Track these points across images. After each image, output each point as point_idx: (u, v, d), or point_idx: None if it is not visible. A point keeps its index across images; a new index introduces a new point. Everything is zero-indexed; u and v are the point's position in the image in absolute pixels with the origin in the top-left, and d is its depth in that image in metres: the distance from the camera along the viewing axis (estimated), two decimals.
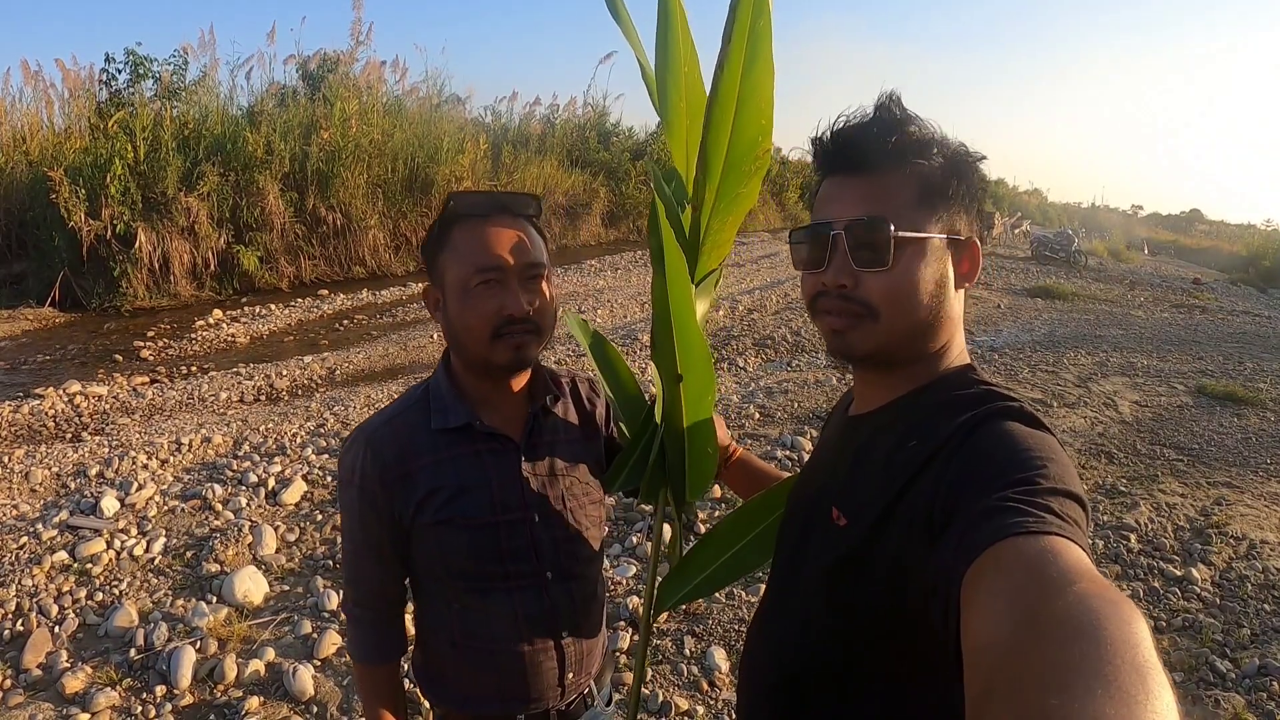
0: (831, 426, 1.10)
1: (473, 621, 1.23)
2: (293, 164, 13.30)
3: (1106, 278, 16.84)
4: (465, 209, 1.15)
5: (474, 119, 19.67)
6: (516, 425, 1.24)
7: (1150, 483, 4.84)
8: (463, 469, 1.19)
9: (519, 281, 1.14)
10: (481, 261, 1.12)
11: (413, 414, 1.22)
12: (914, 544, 0.77)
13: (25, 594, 3.33)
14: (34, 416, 6.06)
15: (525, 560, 1.22)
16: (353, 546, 1.24)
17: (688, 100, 1.11)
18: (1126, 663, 0.49)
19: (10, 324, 9.61)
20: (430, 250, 1.20)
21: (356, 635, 1.28)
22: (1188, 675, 2.98)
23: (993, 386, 0.88)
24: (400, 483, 1.17)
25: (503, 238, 1.13)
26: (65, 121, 12.60)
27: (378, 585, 1.26)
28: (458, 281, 1.13)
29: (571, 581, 1.28)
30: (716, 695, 2.80)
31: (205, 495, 4.34)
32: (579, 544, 1.30)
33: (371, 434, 1.20)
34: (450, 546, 1.19)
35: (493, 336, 1.13)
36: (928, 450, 0.81)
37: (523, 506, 1.22)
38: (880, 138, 0.87)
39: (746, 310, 10.28)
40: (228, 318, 10.22)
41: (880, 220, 0.85)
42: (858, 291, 0.87)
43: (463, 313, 1.14)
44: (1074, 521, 0.67)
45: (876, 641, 0.83)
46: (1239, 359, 8.58)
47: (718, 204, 1.10)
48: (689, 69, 1.10)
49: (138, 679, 2.82)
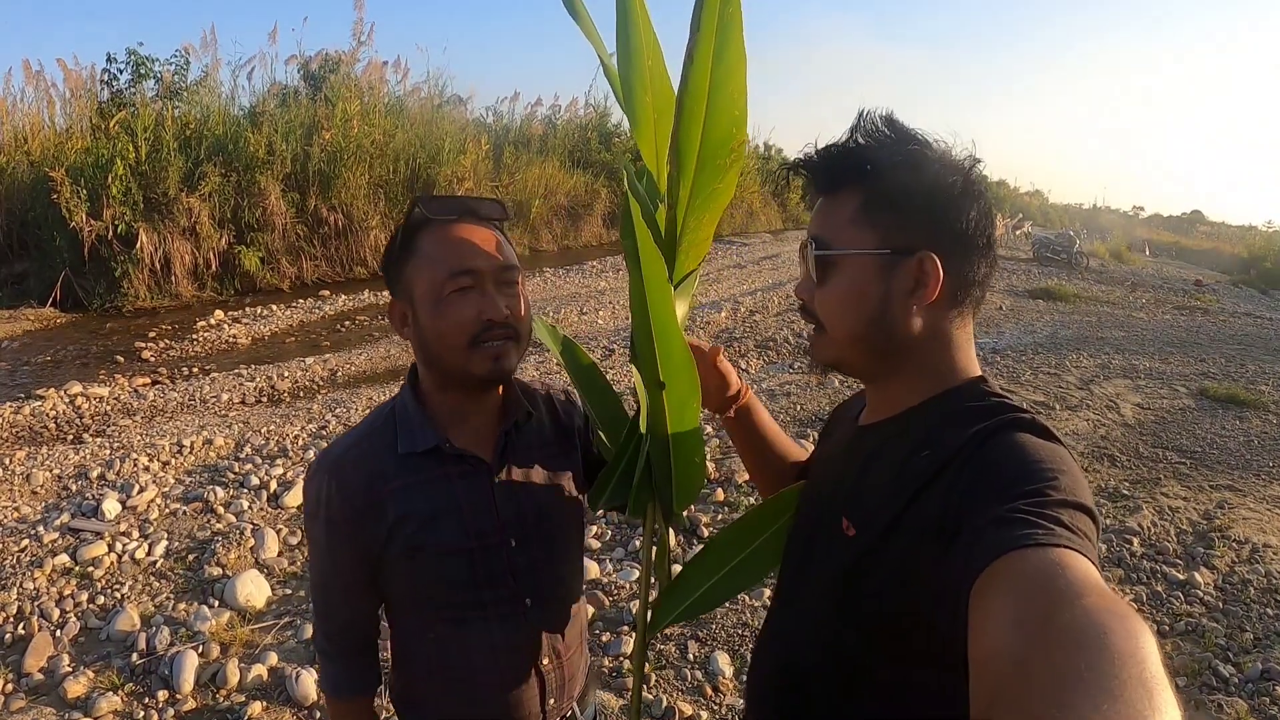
0: (838, 434, 1.09)
1: (449, 651, 1.18)
2: (294, 164, 13.27)
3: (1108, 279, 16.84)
4: (432, 213, 1.09)
5: (476, 119, 19.66)
6: (488, 444, 1.18)
7: (1153, 486, 4.84)
8: (433, 494, 1.13)
9: (494, 285, 1.09)
10: (454, 265, 1.06)
11: (378, 438, 1.16)
12: (924, 554, 0.77)
13: (27, 597, 3.33)
14: (35, 418, 6.05)
15: (501, 587, 1.17)
16: (322, 580, 1.19)
17: (654, 95, 1.07)
18: (1133, 677, 0.49)
19: (11, 324, 9.61)
20: (394, 261, 1.13)
21: (328, 670, 1.23)
22: (1190, 680, 2.97)
23: (1005, 398, 0.87)
24: (368, 512, 1.11)
25: (475, 240, 1.09)
26: (67, 121, 12.57)
27: (349, 619, 1.21)
28: (429, 290, 1.07)
29: (551, 606, 1.23)
30: (720, 700, 2.79)
31: (207, 498, 4.34)
32: (558, 566, 1.25)
33: (335, 462, 1.14)
34: (423, 576, 1.15)
35: (470, 344, 1.07)
36: (939, 461, 0.81)
37: (497, 530, 1.16)
38: (836, 158, 0.91)
39: (748, 312, 10.28)
40: (229, 318, 10.21)
41: (811, 240, 0.92)
42: (811, 305, 0.95)
43: (436, 322, 1.08)
44: (1084, 534, 0.67)
45: (885, 649, 0.83)
46: (1241, 361, 8.58)
47: (693, 201, 1.06)
48: (653, 62, 1.05)
49: (140, 683, 2.82)
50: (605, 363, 7.46)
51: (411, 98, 17.28)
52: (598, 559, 3.71)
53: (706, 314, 9.96)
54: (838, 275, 0.90)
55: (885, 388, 0.94)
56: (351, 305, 11.35)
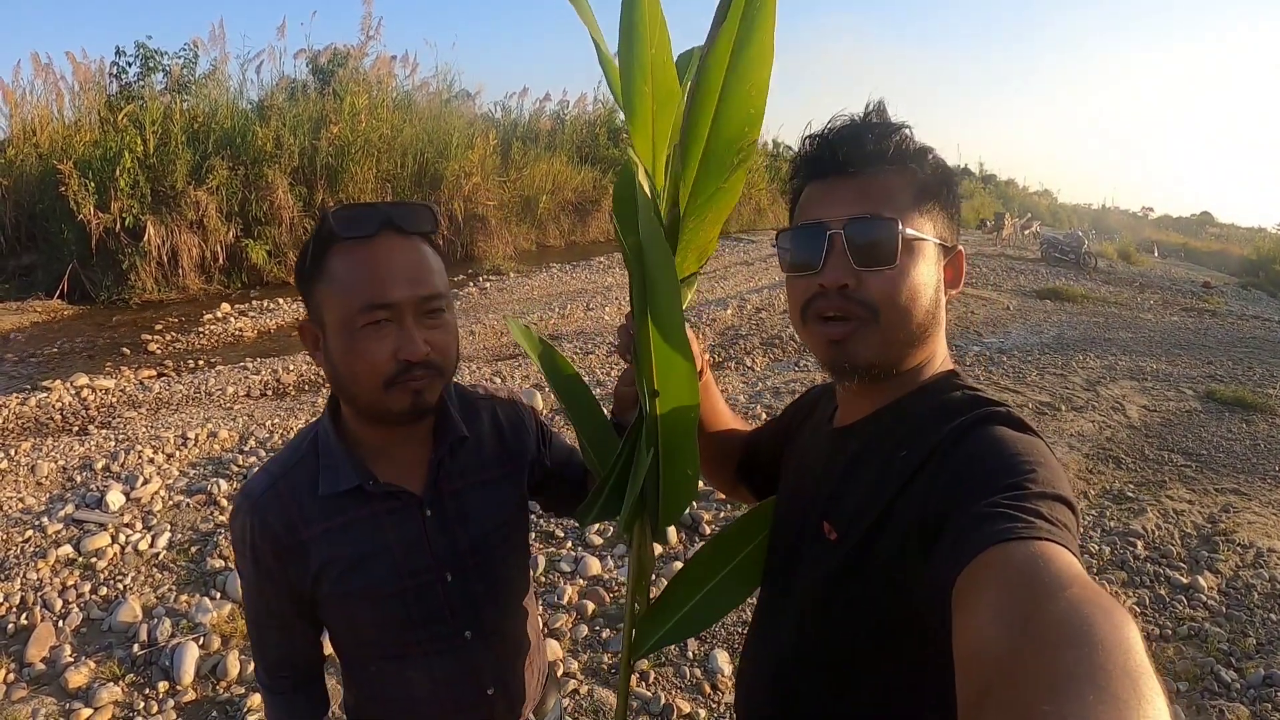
0: (809, 439, 1.07)
1: (391, 685, 1.14)
2: (302, 158, 13.32)
3: (1116, 280, 16.76)
4: (343, 228, 0.95)
5: (484, 114, 19.67)
6: (417, 475, 1.09)
7: (1158, 489, 4.82)
8: (358, 537, 1.05)
9: (414, 318, 0.96)
10: (369, 298, 0.94)
11: (298, 474, 1.06)
12: (907, 553, 0.77)
13: (30, 588, 3.34)
14: (41, 409, 6.08)
15: (439, 624, 1.11)
16: (254, 616, 1.13)
17: (654, 84, 0.98)
18: (1118, 667, 0.49)
19: (19, 316, 9.66)
20: (304, 278, 1.00)
21: (271, 704, 1.19)
22: (1193, 685, 2.96)
23: (978, 392, 0.88)
24: (292, 554, 1.04)
25: (393, 265, 0.95)
26: (75, 114, 12.62)
27: (285, 654, 1.16)
28: (340, 320, 0.95)
29: (493, 636, 1.17)
30: (719, 699, 2.79)
31: (210, 490, 4.35)
32: (500, 595, 1.18)
33: (255, 502, 1.05)
34: (354, 620, 1.10)
35: (385, 386, 0.96)
36: (917, 459, 0.81)
37: (431, 568, 1.09)
38: (879, 139, 0.87)
39: (755, 309, 10.26)
40: (235, 311, 10.25)
41: (889, 218, 0.84)
42: (859, 291, 0.85)
43: (348, 358, 0.96)
44: (1064, 525, 0.67)
45: (874, 650, 0.83)
46: (1248, 364, 8.52)
47: (695, 200, 0.98)
48: (657, 50, 0.96)
49: (141, 674, 2.83)
50: (611, 359, 7.46)
51: (420, 92, 17.33)
52: (598, 555, 3.71)
53: (713, 311, 9.94)
54: (910, 258, 0.85)
55: (874, 386, 0.92)
56: None
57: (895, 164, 0.87)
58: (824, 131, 0.91)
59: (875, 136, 0.87)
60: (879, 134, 0.87)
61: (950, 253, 0.91)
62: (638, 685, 2.83)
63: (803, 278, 0.90)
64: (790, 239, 0.92)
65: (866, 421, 0.93)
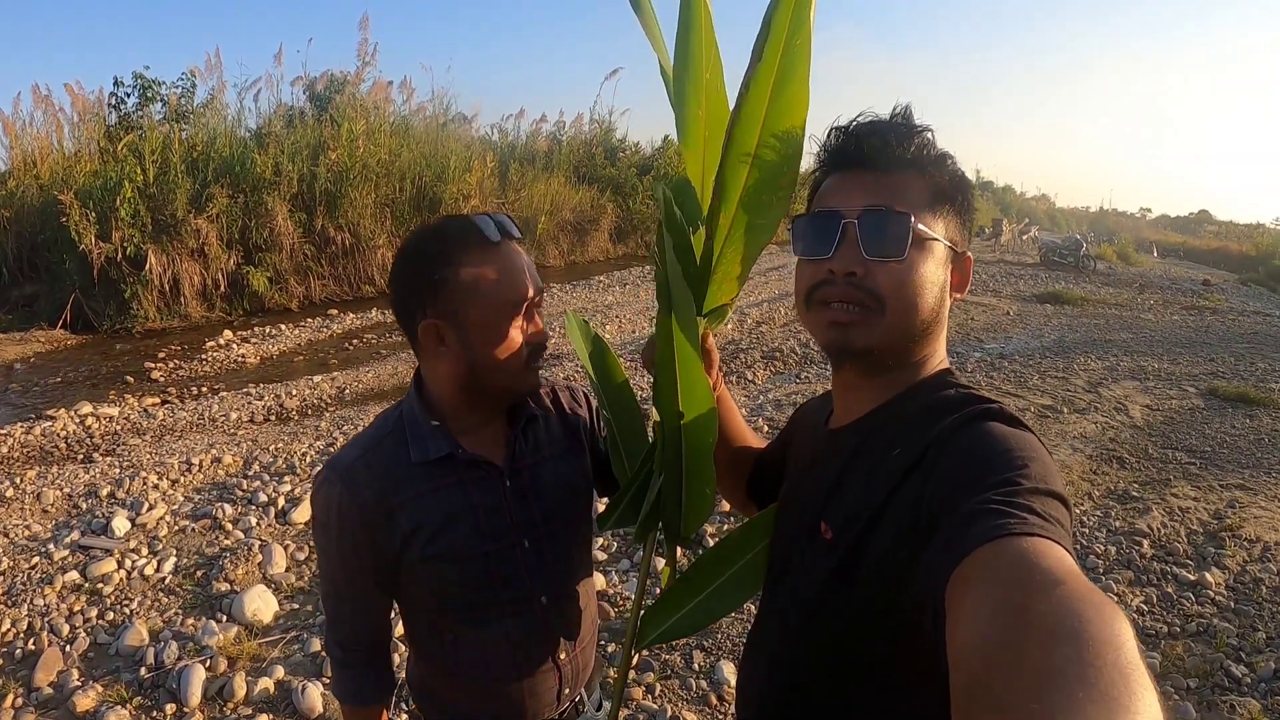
0: (806, 444, 1.09)
1: (468, 651, 1.20)
2: (301, 184, 13.38)
3: (1116, 282, 16.76)
4: (478, 236, 1.07)
5: (481, 137, 19.82)
6: (499, 449, 1.20)
7: (1162, 487, 4.81)
8: (446, 501, 1.14)
9: (537, 309, 1.14)
10: (515, 295, 1.09)
11: (388, 446, 1.15)
12: (902, 550, 0.77)
13: (37, 613, 3.35)
14: (45, 438, 6.10)
15: (517, 586, 1.19)
16: (334, 589, 1.19)
17: (708, 108, 1.01)
18: (1109, 664, 0.49)
19: (22, 346, 9.70)
20: (429, 277, 1.08)
21: (342, 677, 1.24)
22: (1202, 681, 2.94)
23: (971, 390, 0.89)
24: (381, 520, 1.11)
25: (522, 265, 1.10)
26: (75, 145, 12.77)
27: (361, 626, 1.22)
28: (486, 316, 1.08)
29: (565, 601, 1.26)
30: (725, 710, 2.78)
31: (215, 515, 4.36)
32: (570, 562, 1.28)
33: (346, 470, 1.12)
34: (441, 581, 1.16)
35: (525, 367, 1.13)
36: (910, 457, 0.81)
37: (510, 532, 1.18)
38: (900, 139, 0.89)
39: (755, 323, 10.28)
40: (238, 338, 10.28)
41: (902, 213, 0.86)
42: (866, 280, 0.87)
43: (494, 349, 1.09)
44: (1056, 521, 0.67)
45: (871, 649, 0.83)
46: (1250, 360, 8.52)
47: (732, 233, 1.01)
48: (711, 75, 0.99)
49: (148, 697, 2.83)
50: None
51: (417, 116, 17.45)
52: (604, 570, 3.71)
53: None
54: (919, 255, 0.88)
55: (869, 384, 0.93)
56: (359, 323, 11.41)
57: (915, 164, 0.89)
58: (850, 126, 0.93)
59: (898, 136, 0.89)
60: (902, 134, 0.90)
61: (959, 257, 0.93)
62: (644, 699, 2.82)
63: (812, 262, 0.92)
64: (805, 224, 0.94)
65: (862, 421, 0.94)
